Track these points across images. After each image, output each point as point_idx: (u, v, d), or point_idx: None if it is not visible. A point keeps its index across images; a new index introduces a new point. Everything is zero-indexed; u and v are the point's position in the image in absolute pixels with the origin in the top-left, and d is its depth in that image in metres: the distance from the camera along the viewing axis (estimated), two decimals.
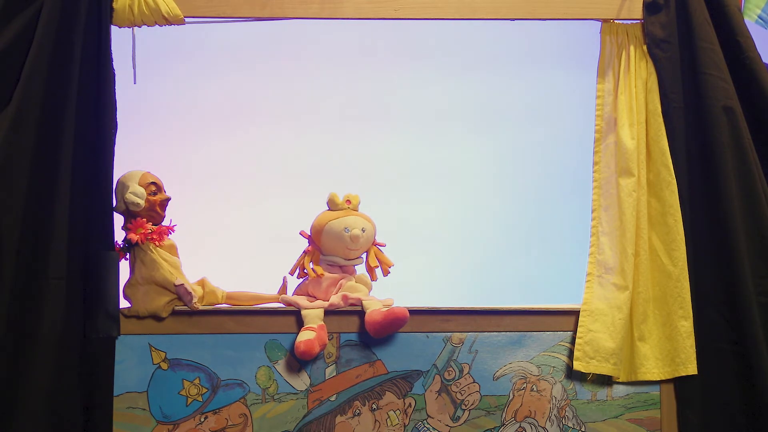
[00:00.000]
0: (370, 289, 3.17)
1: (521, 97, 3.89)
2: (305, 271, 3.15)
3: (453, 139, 3.88)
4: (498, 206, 3.88)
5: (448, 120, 3.88)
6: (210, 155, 3.77)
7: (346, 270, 3.18)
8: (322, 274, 3.13)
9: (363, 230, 3.14)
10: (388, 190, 3.78)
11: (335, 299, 3.08)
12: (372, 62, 3.81)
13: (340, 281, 3.13)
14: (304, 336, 3.00)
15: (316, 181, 3.73)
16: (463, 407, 3.11)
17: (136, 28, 3.13)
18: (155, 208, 3.09)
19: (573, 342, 3.13)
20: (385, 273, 3.20)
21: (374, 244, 3.21)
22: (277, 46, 3.72)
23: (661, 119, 3.17)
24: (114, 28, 3.08)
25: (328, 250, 3.16)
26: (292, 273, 3.18)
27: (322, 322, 3.05)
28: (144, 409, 3.03)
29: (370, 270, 3.19)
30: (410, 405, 3.10)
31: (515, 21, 3.21)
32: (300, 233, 3.19)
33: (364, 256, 3.20)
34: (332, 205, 3.18)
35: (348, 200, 3.18)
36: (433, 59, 3.83)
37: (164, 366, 3.04)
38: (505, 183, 3.90)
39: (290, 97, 3.80)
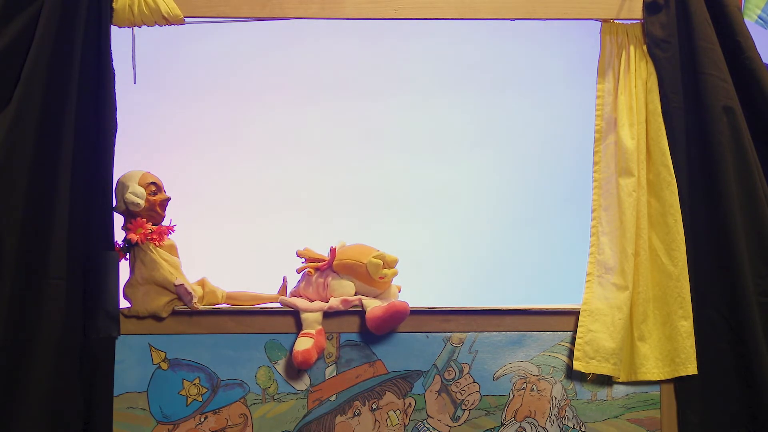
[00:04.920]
0: (396, 297, 3.14)
1: (521, 97, 3.89)
2: (308, 269, 3.14)
3: (453, 140, 3.88)
4: (498, 206, 3.88)
5: (449, 122, 3.88)
6: (210, 155, 3.77)
7: None
8: (311, 272, 3.12)
9: (369, 298, 3.13)
10: (388, 193, 3.78)
11: (334, 302, 3.08)
12: (372, 63, 3.82)
13: (327, 279, 3.12)
14: (302, 345, 3.00)
15: (316, 180, 3.73)
16: (463, 407, 3.11)
17: (136, 28, 3.13)
18: (155, 208, 3.09)
19: (573, 342, 3.13)
20: None
21: None
22: (277, 46, 3.73)
23: (661, 119, 3.17)
24: (114, 28, 3.08)
25: (340, 273, 3.14)
26: (299, 254, 3.14)
27: (321, 327, 3.05)
28: (144, 409, 3.03)
29: None
30: (410, 405, 3.10)
31: (515, 21, 3.21)
32: (330, 249, 3.12)
33: None
34: (371, 267, 3.06)
35: (383, 276, 3.09)
36: (433, 60, 3.83)
37: (164, 366, 3.04)
38: (505, 183, 3.90)
39: (290, 97, 3.80)
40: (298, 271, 3.15)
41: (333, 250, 3.13)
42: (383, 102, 3.85)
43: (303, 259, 3.15)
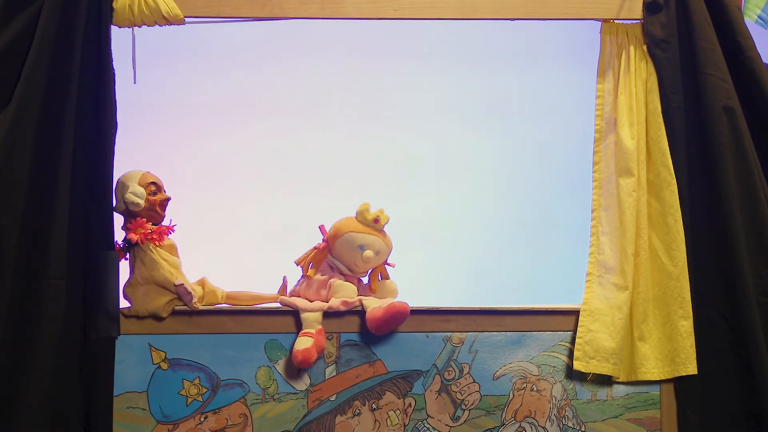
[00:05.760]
0: (395, 295, 3.16)
1: (521, 97, 3.89)
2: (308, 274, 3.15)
3: (453, 139, 3.88)
4: (498, 206, 3.87)
5: (448, 120, 3.88)
6: (210, 155, 3.77)
7: (348, 279, 3.16)
8: (311, 277, 3.13)
9: (378, 253, 3.13)
10: (387, 191, 3.78)
11: (335, 303, 3.08)
12: (372, 60, 3.81)
13: (329, 281, 3.12)
14: (302, 344, 3.00)
15: (315, 181, 3.73)
16: (463, 407, 3.11)
17: (136, 28, 3.13)
18: (155, 208, 3.09)
19: (573, 342, 3.13)
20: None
21: (384, 263, 3.19)
22: (277, 45, 3.72)
23: (661, 119, 3.18)
24: (114, 28, 3.08)
25: (337, 255, 3.15)
26: (297, 263, 3.16)
27: (321, 326, 3.05)
28: (144, 409, 3.03)
29: (373, 280, 3.19)
30: (410, 405, 3.10)
31: (515, 21, 3.21)
32: (319, 227, 3.17)
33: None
34: (360, 216, 3.14)
35: (377, 219, 3.14)
36: (433, 56, 3.83)
37: (164, 366, 3.04)
38: (505, 183, 3.90)
39: (289, 96, 3.80)
40: (304, 275, 3.15)
41: (322, 227, 3.16)
42: (383, 102, 3.85)
43: (300, 268, 3.17)
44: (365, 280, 3.21)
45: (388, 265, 3.20)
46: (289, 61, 3.77)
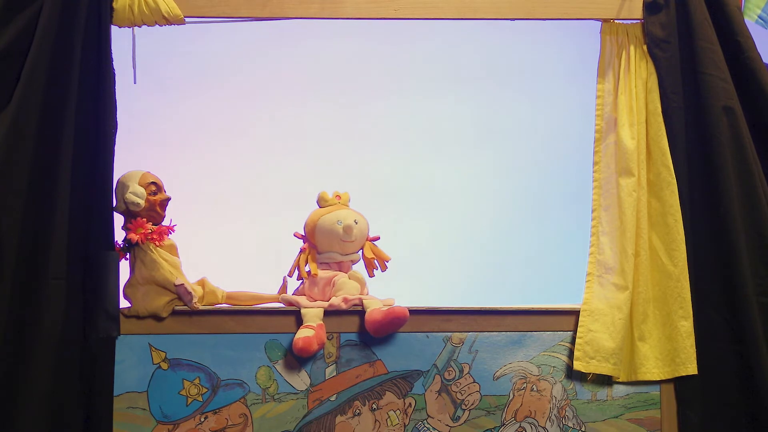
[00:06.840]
0: (364, 285, 3.16)
1: (521, 97, 3.89)
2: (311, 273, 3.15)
3: (453, 140, 3.88)
4: (498, 206, 3.88)
5: (450, 122, 3.88)
6: (209, 155, 3.77)
7: (343, 267, 3.18)
8: (315, 274, 3.13)
9: (356, 221, 3.15)
10: (387, 188, 3.78)
11: (336, 300, 3.08)
12: (372, 68, 3.82)
13: (333, 279, 3.12)
14: (303, 333, 3.00)
15: (315, 180, 3.73)
16: (463, 407, 3.11)
17: (136, 28, 3.13)
18: (155, 208, 3.09)
19: (573, 342, 3.13)
20: (383, 268, 3.20)
21: (368, 239, 3.21)
22: (277, 45, 3.73)
23: (661, 119, 3.18)
24: (114, 28, 3.08)
25: (323, 246, 3.17)
26: (290, 275, 3.18)
27: (321, 322, 3.05)
28: (144, 409, 3.03)
29: (369, 264, 3.20)
30: (410, 405, 3.10)
31: (515, 21, 3.21)
32: (294, 234, 3.20)
33: (360, 252, 3.21)
34: (322, 202, 3.21)
35: (338, 196, 3.20)
36: (432, 67, 3.84)
37: (164, 366, 3.04)
38: (505, 183, 3.90)
39: (289, 94, 3.80)
40: (308, 277, 3.15)
41: (297, 234, 3.20)
42: (383, 102, 3.86)
43: (297, 278, 3.18)
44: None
45: (373, 239, 3.21)
46: (288, 59, 3.78)
